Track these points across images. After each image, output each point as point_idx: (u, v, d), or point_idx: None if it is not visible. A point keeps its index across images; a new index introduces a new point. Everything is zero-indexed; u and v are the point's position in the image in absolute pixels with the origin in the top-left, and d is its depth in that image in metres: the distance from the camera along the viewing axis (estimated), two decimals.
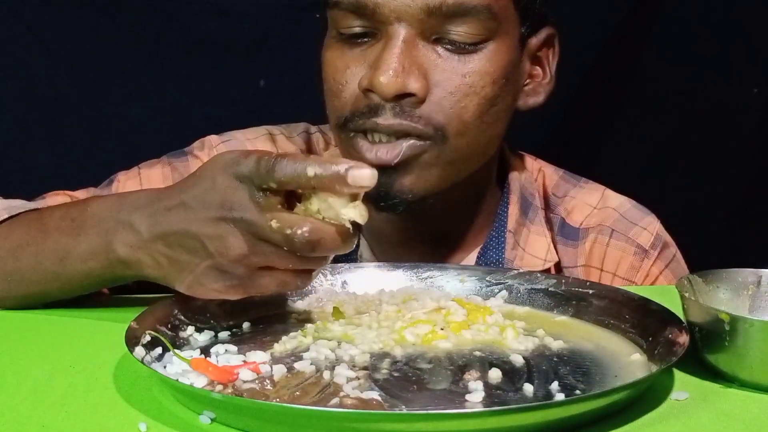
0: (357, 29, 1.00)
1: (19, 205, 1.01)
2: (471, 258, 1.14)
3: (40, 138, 1.74)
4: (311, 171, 0.73)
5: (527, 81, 1.08)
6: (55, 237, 0.91)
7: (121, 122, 1.75)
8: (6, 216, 0.97)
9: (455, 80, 0.99)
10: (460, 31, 0.98)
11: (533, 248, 1.12)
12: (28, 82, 1.72)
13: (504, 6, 1.00)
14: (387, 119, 0.98)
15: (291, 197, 0.77)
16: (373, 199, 1.03)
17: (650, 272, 1.14)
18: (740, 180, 1.97)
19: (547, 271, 1.10)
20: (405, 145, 0.99)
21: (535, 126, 1.16)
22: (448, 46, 0.99)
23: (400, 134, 0.99)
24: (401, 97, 0.98)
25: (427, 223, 1.10)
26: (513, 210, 1.13)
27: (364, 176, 0.73)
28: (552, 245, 1.13)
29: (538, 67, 1.09)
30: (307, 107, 1.26)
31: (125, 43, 1.74)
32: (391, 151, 0.99)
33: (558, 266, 1.13)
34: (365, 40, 1.01)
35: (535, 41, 1.06)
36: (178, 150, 1.18)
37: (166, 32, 1.74)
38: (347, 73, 1.01)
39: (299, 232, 0.74)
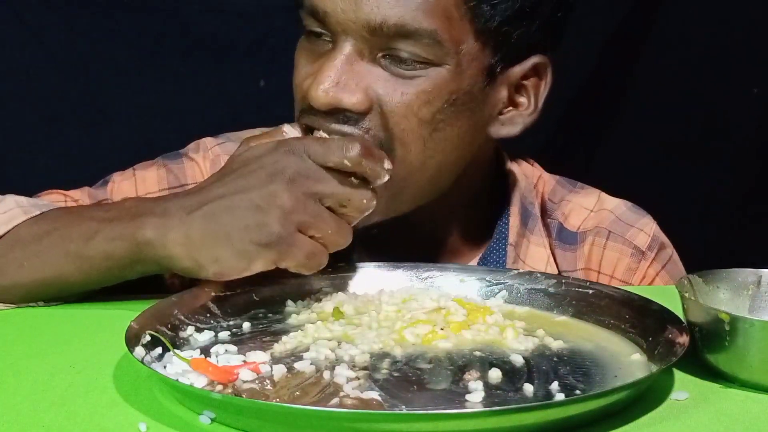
0: (317, 31, 1.00)
1: (44, 204, 1.02)
2: None
3: (40, 138, 1.74)
4: (387, 164, 0.91)
5: (508, 109, 1.05)
6: (87, 222, 0.94)
7: (121, 122, 1.75)
8: (37, 212, 0.98)
9: (395, 98, 0.97)
10: (402, 51, 0.96)
11: (533, 260, 1.11)
12: (28, 82, 1.72)
13: (456, 36, 0.97)
14: (329, 125, 0.98)
15: None
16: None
17: (647, 274, 1.14)
18: (740, 180, 1.97)
19: None
20: None
21: (535, 127, 1.15)
22: (392, 65, 0.97)
23: (341, 135, 0.98)
24: (336, 110, 0.97)
25: (417, 232, 1.09)
26: (514, 222, 1.12)
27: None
28: (552, 257, 1.12)
29: (523, 97, 1.05)
30: None
31: (125, 43, 1.74)
32: None
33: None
34: (324, 43, 1.00)
35: (518, 70, 1.03)
36: (173, 152, 1.18)
37: (166, 32, 1.74)
38: (300, 74, 1.02)
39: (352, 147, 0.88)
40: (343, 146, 0.89)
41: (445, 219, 1.11)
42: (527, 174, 1.17)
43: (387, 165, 0.91)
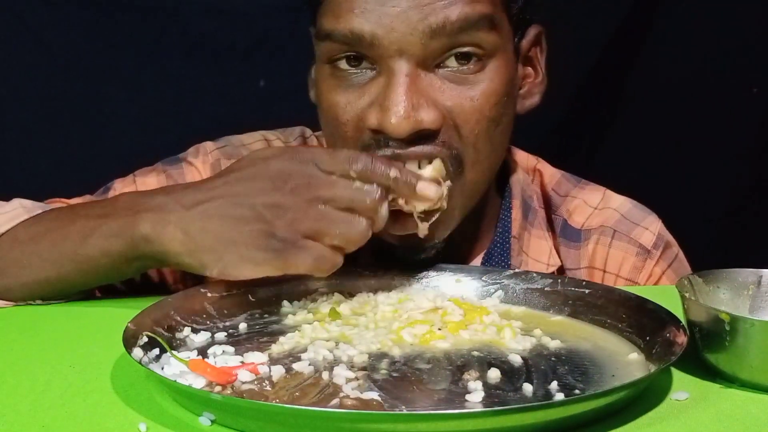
0: (352, 62, 0.96)
1: (47, 206, 1.02)
2: (475, 264, 1.12)
3: (40, 138, 1.74)
4: (393, 173, 0.87)
5: (522, 83, 1.06)
6: (83, 221, 0.93)
7: (120, 122, 1.75)
8: (39, 211, 0.98)
9: (465, 105, 0.96)
10: (463, 50, 0.95)
11: (536, 253, 1.11)
12: (28, 82, 1.72)
13: (500, 18, 0.98)
14: (404, 149, 0.95)
15: None
16: (403, 255, 1.01)
17: (653, 272, 1.13)
18: (740, 180, 1.97)
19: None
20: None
21: (535, 125, 1.15)
22: (451, 72, 0.96)
23: (423, 156, 0.95)
24: (415, 133, 0.94)
25: None
26: (516, 215, 1.12)
27: (430, 191, 0.90)
28: (554, 249, 1.12)
29: (529, 68, 1.07)
30: (306, 107, 1.26)
31: (125, 43, 1.74)
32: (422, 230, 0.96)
33: (561, 270, 1.12)
34: (362, 72, 0.97)
35: (525, 43, 1.04)
36: (173, 157, 1.17)
37: (165, 32, 1.74)
38: (348, 110, 0.97)
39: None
40: (349, 157, 0.87)
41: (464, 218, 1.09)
42: (523, 165, 1.17)
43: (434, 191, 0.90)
